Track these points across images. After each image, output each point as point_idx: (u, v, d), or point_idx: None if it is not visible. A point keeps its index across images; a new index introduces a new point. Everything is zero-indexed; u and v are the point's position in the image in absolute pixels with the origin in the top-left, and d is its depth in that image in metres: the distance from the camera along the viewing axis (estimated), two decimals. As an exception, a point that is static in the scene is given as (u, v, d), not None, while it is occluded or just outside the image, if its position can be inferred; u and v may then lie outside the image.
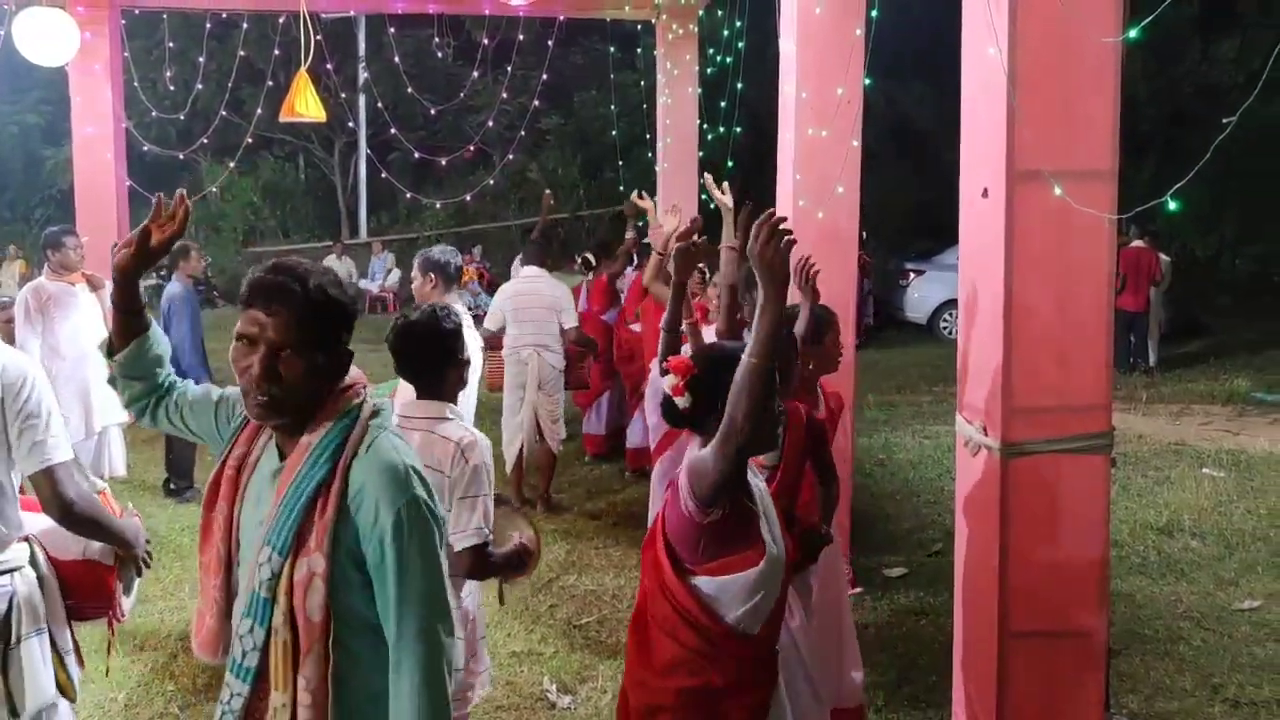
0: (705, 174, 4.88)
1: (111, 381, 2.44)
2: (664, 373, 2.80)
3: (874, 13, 5.21)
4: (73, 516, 2.82)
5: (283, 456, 2.14)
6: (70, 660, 3.02)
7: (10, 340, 6.79)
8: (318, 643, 2.02)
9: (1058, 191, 3.40)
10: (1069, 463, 3.59)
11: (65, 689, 2.99)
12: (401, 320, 3.34)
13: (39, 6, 8.19)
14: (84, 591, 3.03)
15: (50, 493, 2.79)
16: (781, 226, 2.37)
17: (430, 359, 3.30)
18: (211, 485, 2.23)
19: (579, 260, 9.37)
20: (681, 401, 2.71)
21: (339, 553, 2.03)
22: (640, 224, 9.52)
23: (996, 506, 3.59)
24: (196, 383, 2.50)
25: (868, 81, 5.64)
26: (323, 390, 2.10)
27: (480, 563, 3.16)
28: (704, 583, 2.65)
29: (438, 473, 3.15)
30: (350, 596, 2.05)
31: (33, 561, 2.95)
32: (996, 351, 3.58)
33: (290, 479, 2.07)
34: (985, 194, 3.64)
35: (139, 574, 3.13)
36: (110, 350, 2.38)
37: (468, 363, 3.41)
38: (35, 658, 2.88)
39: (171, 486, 7.77)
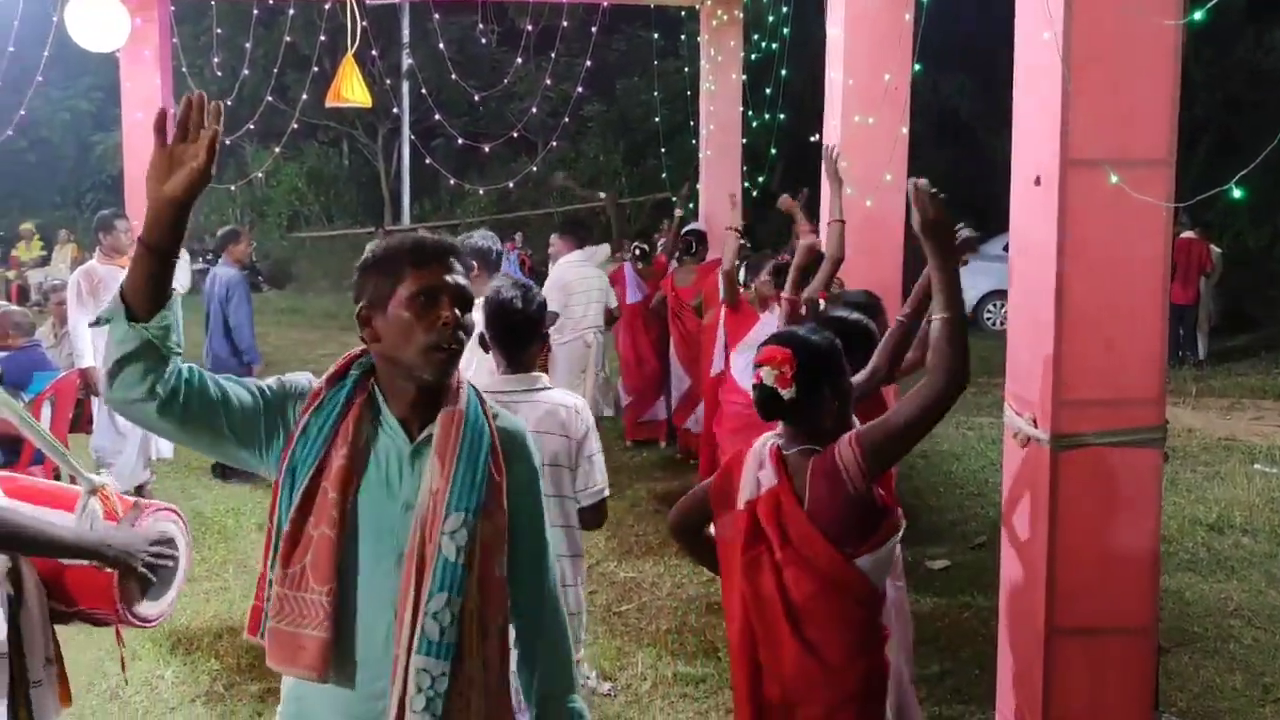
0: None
1: (119, 364, 1.93)
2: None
3: (925, -1, 5.12)
4: None
5: (408, 433, 2.07)
6: (40, 693, 2.72)
7: (63, 322, 6.92)
8: (504, 600, 2.11)
9: (1114, 180, 3.33)
10: (1120, 456, 3.53)
11: None
12: (496, 299, 3.39)
13: (91, -7, 8.27)
14: (86, 600, 2.78)
15: None
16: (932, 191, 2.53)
17: (524, 335, 3.41)
18: (305, 494, 2.01)
19: (634, 249, 9.23)
20: (788, 393, 2.67)
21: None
22: (681, 213, 9.50)
23: (1045, 500, 3.54)
24: (251, 368, 2.46)
25: (918, 68, 5.56)
26: None
27: (604, 514, 3.53)
28: (864, 561, 2.66)
29: (564, 437, 3.37)
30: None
31: (13, 574, 2.67)
32: (1047, 342, 3.52)
33: (456, 443, 2.05)
34: (1038, 182, 3.58)
35: (148, 579, 2.79)
36: (130, 314, 1.91)
37: (548, 338, 3.57)
38: None
39: (224, 469, 7.86)
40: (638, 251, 9.17)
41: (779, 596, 2.67)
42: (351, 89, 8.49)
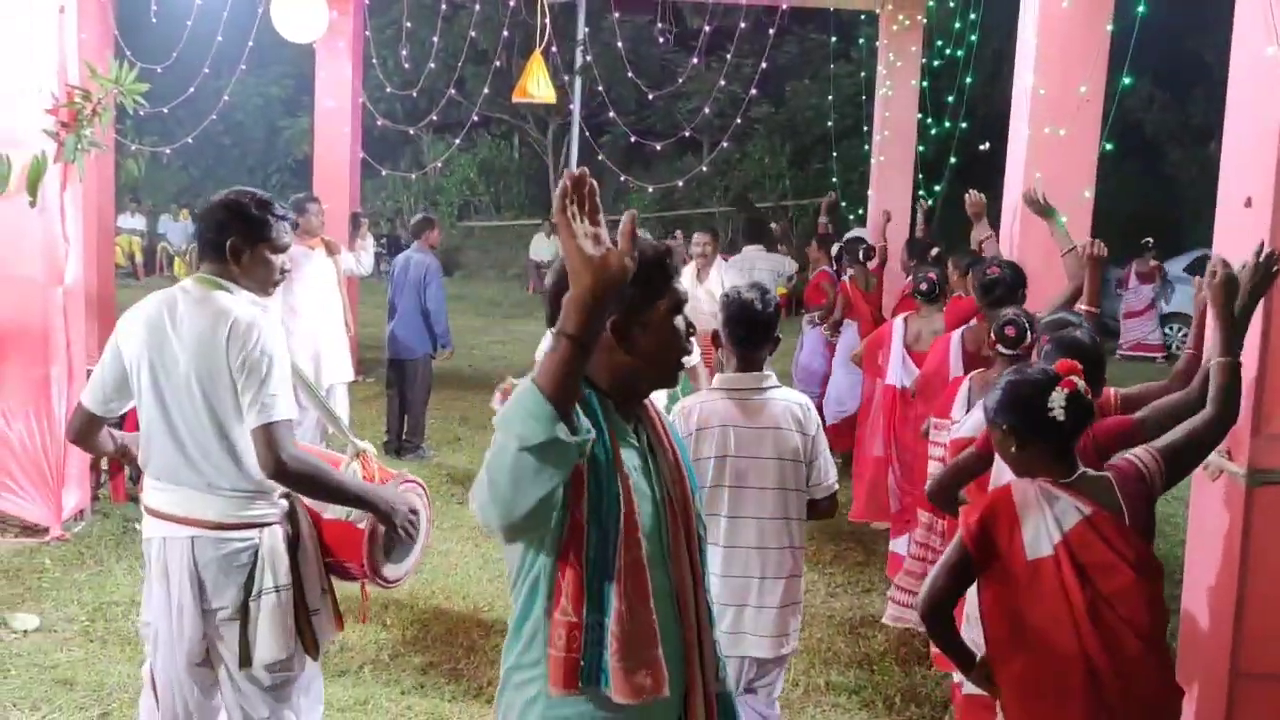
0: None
1: (539, 472, 1.74)
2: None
3: (1141, 8, 4.88)
4: (285, 474, 2.84)
5: (623, 437, 2.03)
6: (319, 619, 3.06)
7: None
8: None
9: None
10: (1325, 497, 3.33)
11: (308, 648, 3.04)
12: (736, 299, 3.52)
13: (295, -13, 8.71)
14: (340, 552, 3.10)
15: (263, 449, 2.81)
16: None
17: (760, 336, 3.50)
18: (628, 520, 1.95)
19: (860, 250, 8.34)
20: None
21: None
22: (826, 220, 9.46)
23: (1238, 537, 3.37)
24: (445, 346, 2.55)
25: (1127, 81, 5.31)
26: None
27: (836, 505, 3.67)
28: None
29: (802, 434, 3.47)
30: None
31: (291, 517, 3.03)
32: (1250, 372, 3.35)
33: (667, 435, 2.15)
34: (1248, 203, 3.41)
35: (395, 542, 3.13)
36: (558, 412, 1.72)
37: (779, 340, 3.64)
38: (271, 613, 2.93)
39: (405, 442, 8.27)
40: (865, 253, 8.31)
41: (1130, 618, 2.65)
42: (537, 85, 8.70)
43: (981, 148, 7.66)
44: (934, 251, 7.59)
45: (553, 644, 1.92)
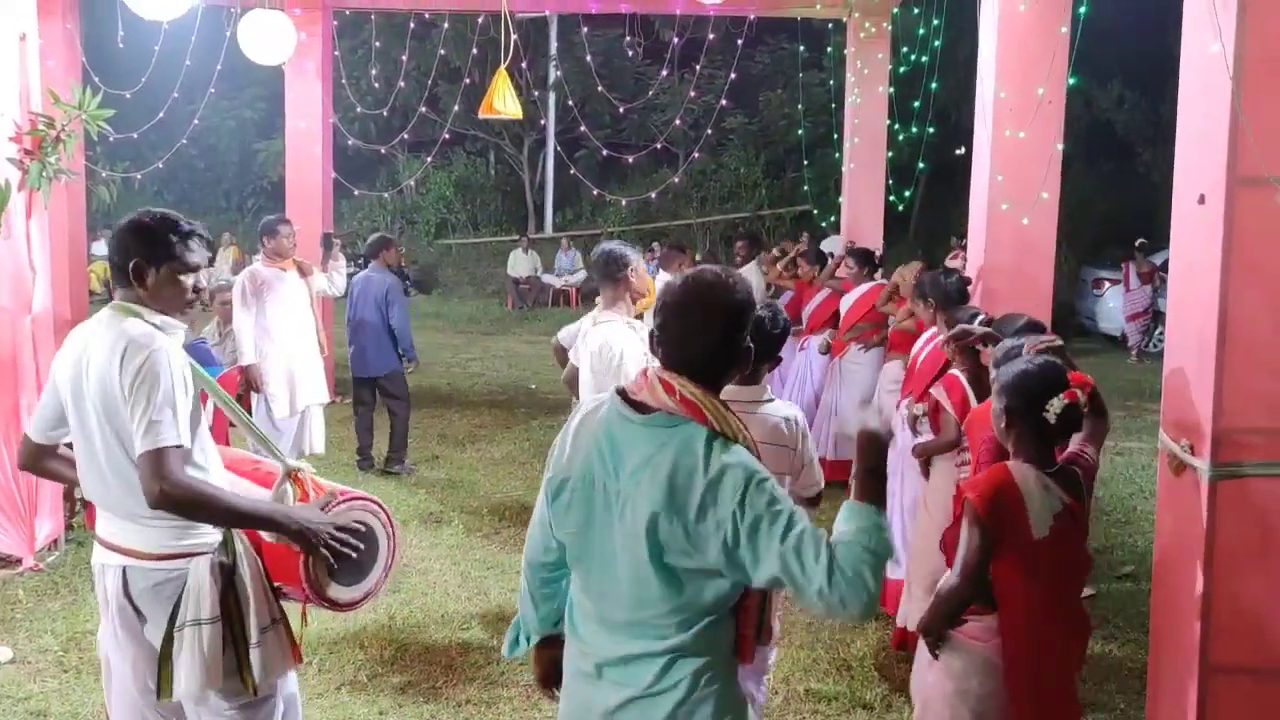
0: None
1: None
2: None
3: (1082, 9, 4.99)
4: (167, 502, 2.68)
5: None
6: (261, 653, 2.91)
7: (227, 321, 7.27)
8: None
9: (1285, 199, 3.19)
10: (1285, 488, 3.36)
11: (245, 680, 2.90)
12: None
13: (261, 10, 8.71)
14: (279, 575, 2.98)
15: (146, 476, 2.68)
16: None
17: (764, 352, 3.51)
18: None
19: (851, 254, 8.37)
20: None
21: None
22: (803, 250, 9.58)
23: (1202, 531, 3.39)
24: (411, 360, 2.59)
25: (1072, 81, 5.41)
26: None
27: (818, 504, 3.81)
28: None
29: (788, 449, 3.59)
30: None
31: (226, 547, 2.90)
32: (1209, 367, 3.38)
33: None
34: (1202, 200, 3.44)
35: (340, 562, 2.93)
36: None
37: (780, 360, 3.84)
38: (192, 646, 2.80)
39: (368, 462, 8.27)
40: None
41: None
42: (503, 101, 8.72)
43: (958, 152, 7.72)
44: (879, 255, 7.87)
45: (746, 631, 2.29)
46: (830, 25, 12.00)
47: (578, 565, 2.33)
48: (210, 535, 2.88)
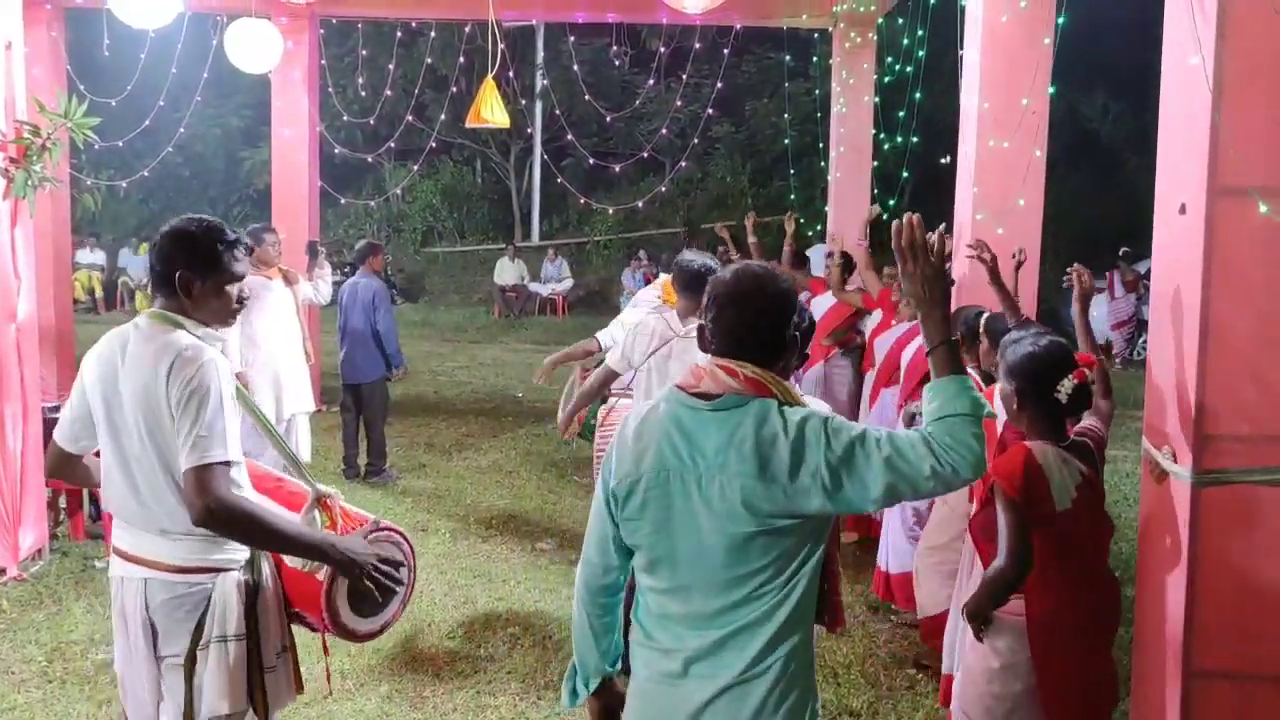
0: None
1: None
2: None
3: (1061, 19, 5.04)
4: (212, 520, 2.62)
5: None
6: (274, 678, 2.87)
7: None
8: None
9: (1263, 209, 3.22)
10: (1269, 495, 3.39)
11: (257, 708, 2.84)
12: None
13: (248, 18, 8.71)
14: (298, 603, 2.93)
15: (191, 493, 2.62)
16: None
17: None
18: None
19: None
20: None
21: None
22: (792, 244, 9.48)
23: (1184, 538, 3.42)
24: (398, 366, 2.58)
25: (1051, 90, 5.46)
26: None
27: None
28: None
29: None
30: None
31: (252, 566, 2.86)
32: (1190, 374, 3.42)
33: None
34: (1183, 210, 3.48)
35: (366, 594, 2.88)
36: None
37: (808, 358, 3.87)
38: (218, 664, 2.75)
39: (354, 470, 8.26)
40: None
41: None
42: (491, 110, 8.74)
43: (943, 161, 7.77)
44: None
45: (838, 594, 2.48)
46: (816, 35, 12.06)
47: (659, 566, 2.30)
48: (238, 551, 2.83)
